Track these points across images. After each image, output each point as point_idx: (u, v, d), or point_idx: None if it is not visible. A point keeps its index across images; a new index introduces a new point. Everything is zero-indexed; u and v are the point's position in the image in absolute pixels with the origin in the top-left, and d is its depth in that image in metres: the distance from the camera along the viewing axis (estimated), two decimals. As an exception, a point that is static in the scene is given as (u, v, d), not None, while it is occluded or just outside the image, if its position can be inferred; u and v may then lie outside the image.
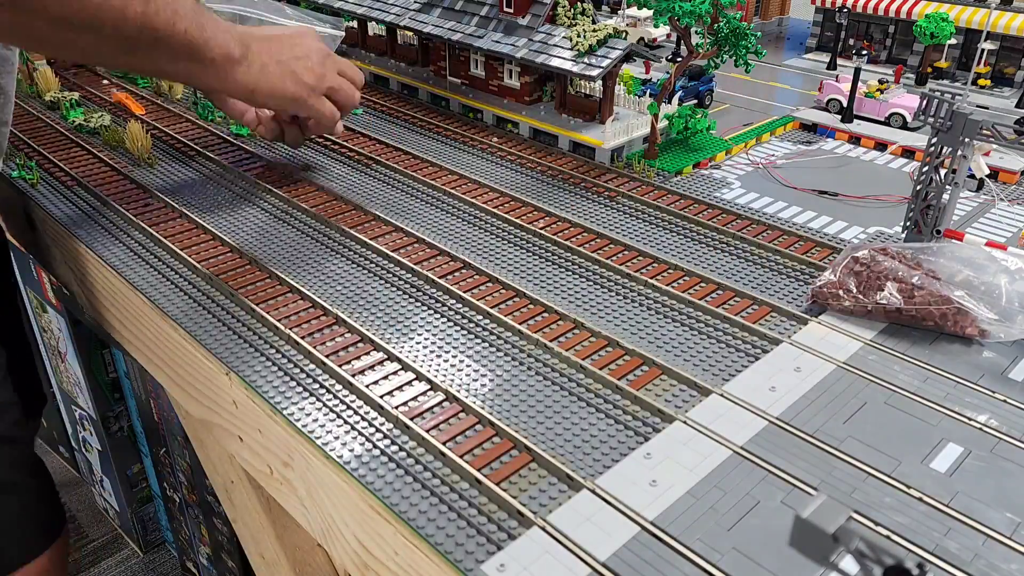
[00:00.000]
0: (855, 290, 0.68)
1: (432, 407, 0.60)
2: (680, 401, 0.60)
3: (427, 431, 0.57)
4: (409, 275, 0.78)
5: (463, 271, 0.78)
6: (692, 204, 0.91)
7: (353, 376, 0.63)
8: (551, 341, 0.66)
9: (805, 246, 0.81)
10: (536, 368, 0.64)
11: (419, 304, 0.73)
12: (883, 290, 0.67)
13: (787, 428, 0.57)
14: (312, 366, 0.65)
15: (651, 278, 0.75)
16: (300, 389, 0.62)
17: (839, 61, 1.43)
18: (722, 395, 0.60)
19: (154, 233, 0.85)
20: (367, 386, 0.62)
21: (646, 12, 1.33)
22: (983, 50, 1.22)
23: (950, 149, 0.71)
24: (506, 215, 0.88)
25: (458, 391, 0.61)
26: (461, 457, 0.54)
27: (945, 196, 0.73)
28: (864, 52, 1.16)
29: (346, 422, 0.59)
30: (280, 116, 0.95)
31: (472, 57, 1.13)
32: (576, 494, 0.51)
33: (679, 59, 1.37)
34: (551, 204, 0.91)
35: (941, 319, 0.66)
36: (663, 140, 1.05)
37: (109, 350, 1.25)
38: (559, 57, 0.98)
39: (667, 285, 0.74)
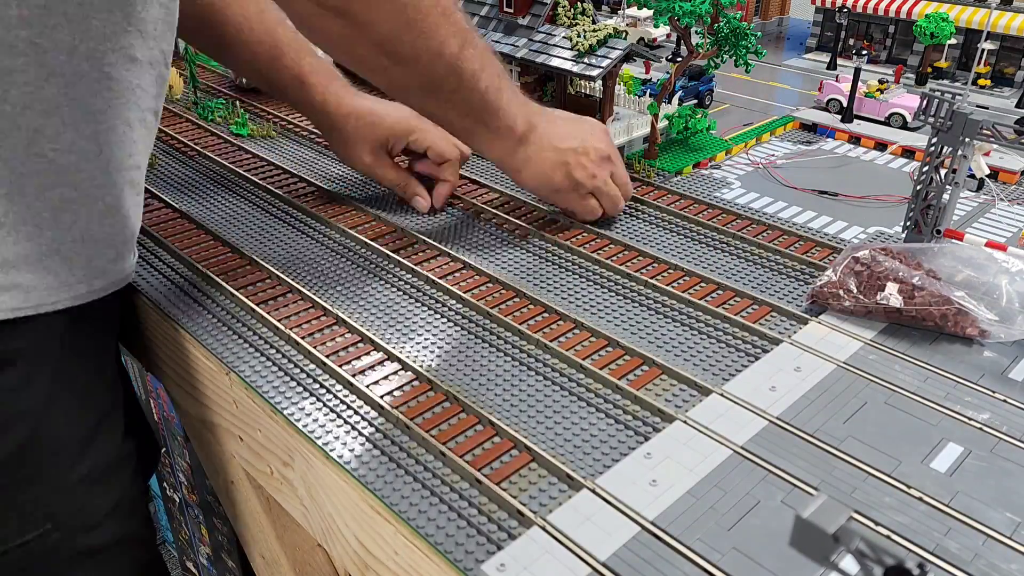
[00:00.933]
0: (855, 290, 0.68)
1: (432, 407, 0.60)
2: (680, 401, 0.60)
3: (427, 431, 0.57)
4: (409, 275, 0.78)
5: (463, 271, 0.78)
6: (692, 204, 0.91)
7: (353, 376, 0.63)
8: (551, 341, 0.66)
9: (805, 246, 0.82)
10: (536, 368, 0.64)
11: (419, 304, 0.73)
12: (883, 290, 0.67)
13: (787, 428, 0.57)
14: (312, 366, 0.65)
15: (651, 278, 0.75)
16: (300, 389, 0.62)
17: (839, 61, 1.43)
18: (722, 395, 0.60)
19: (154, 233, 0.85)
20: (367, 386, 0.62)
21: (646, 12, 1.33)
22: (983, 50, 1.22)
23: (950, 149, 0.71)
24: (506, 215, 0.88)
25: (458, 391, 0.61)
26: (461, 457, 0.54)
27: (945, 196, 0.73)
28: (864, 52, 1.16)
29: (346, 422, 0.59)
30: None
31: (472, 57, 1.13)
32: (576, 494, 0.51)
33: (679, 59, 1.37)
34: (551, 204, 0.91)
35: (941, 319, 0.66)
36: (663, 140, 1.05)
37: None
38: (559, 57, 0.98)
39: (667, 285, 0.74)
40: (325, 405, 0.61)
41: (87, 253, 0.64)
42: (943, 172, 0.72)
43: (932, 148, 0.72)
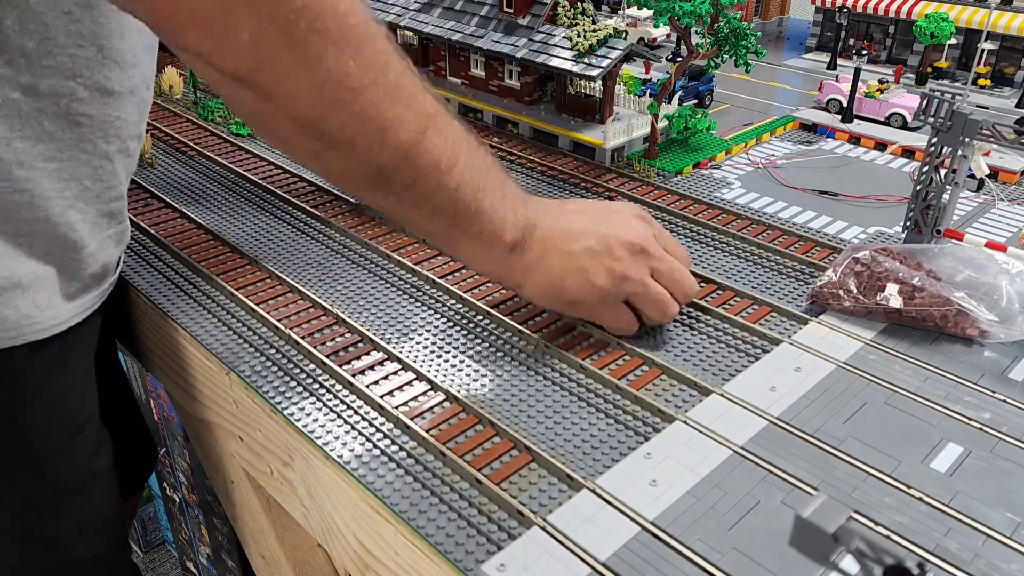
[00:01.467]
0: (855, 291, 0.68)
1: (432, 407, 0.60)
2: (680, 401, 0.60)
3: (427, 431, 0.57)
4: (409, 275, 0.78)
5: (463, 271, 0.78)
6: (692, 204, 0.91)
7: (353, 376, 0.63)
8: (551, 341, 0.66)
9: (805, 246, 0.82)
10: (536, 368, 0.64)
11: (419, 304, 0.73)
12: (883, 291, 0.67)
13: (787, 428, 0.57)
14: (312, 366, 0.65)
15: (651, 278, 0.75)
16: (300, 389, 0.62)
17: (839, 61, 1.43)
18: (722, 395, 0.60)
19: (154, 233, 0.85)
20: (367, 386, 0.62)
21: (646, 12, 1.33)
22: (983, 50, 1.22)
23: (950, 149, 0.71)
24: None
25: (458, 391, 0.61)
26: (461, 457, 0.54)
27: (945, 196, 0.73)
28: (864, 52, 1.16)
29: (346, 422, 0.59)
30: None
31: (472, 57, 1.13)
32: (576, 494, 0.51)
33: (679, 59, 1.37)
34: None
35: (941, 320, 0.66)
36: (663, 140, 1.05)
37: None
38: (559, 57, 0.98)
39: (667, 285, 0.74)
40: (325, 405, 0.61)
41: (47, 286, 0.61)
42: (943, 172, 0.72)
43: (932, 148, 0.72)
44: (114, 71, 0.59)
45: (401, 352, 0.66)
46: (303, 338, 0.67)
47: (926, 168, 0.73)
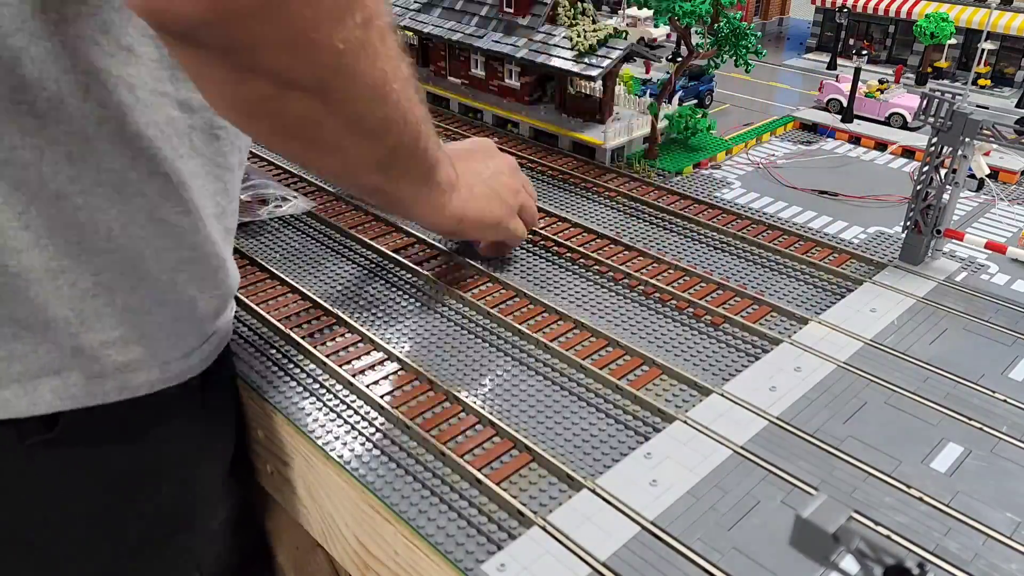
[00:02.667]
0: None
1: (432, 407, 0.60)
2: (680, 401, 0.60)
3: (427, 431, 0.57)
4: (410, 276, 0.78)
5: (463, 271, 0.78)
6: (692, 204, 0.91)
7: (353, 376, 0.63)
8: (551, 341, 0.66)
9: (805, 246, 0.81)
10: (536, 368, 0.64)
11: (419, 304, 0.73)
12: None
13: (787, 428, 0.57)
14: (312, 366, 0.65)
15: (651, 278, 0.75)
16: (300, 389, 0.62)
17: (839, 61, 1.43)
18: (722, 395, 0.60)
19: (154, 233, 0.85)
20: (367, 386, 0.62)
21: (646, 12, 1.33)
22: (983, 50, 1.22)
23: (950, 149, 0.71)
24: (506, 215, 0.88)
25: (458, 391, 0.61)
26: (461, 457, 0.54)
27: (945, 196, 0.73)
28: (864, 52, 1.16)
29: (346, 422, 0.59)
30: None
31: (472, 57, 1.13)
32: (576, 494, 0.51)
33: (679, 59, 1.37)
34: (551, 204, 0.91)
35: None
36: (663, 140, 1.05)
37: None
38: (559, 57, 0.98)
39: (667, 285, 0.74)
40: (325, 405, 0.61)
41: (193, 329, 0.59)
42: (943, 172, 0.72)
43: (932, 148, 0.72)
44: (232, 167, 0.58)
45: (401, 352, 0.66)
46: (303, 338, 0.67)
47: (926, 168, 0.73)
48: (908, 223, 0.76)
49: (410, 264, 0.78)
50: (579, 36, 0.97)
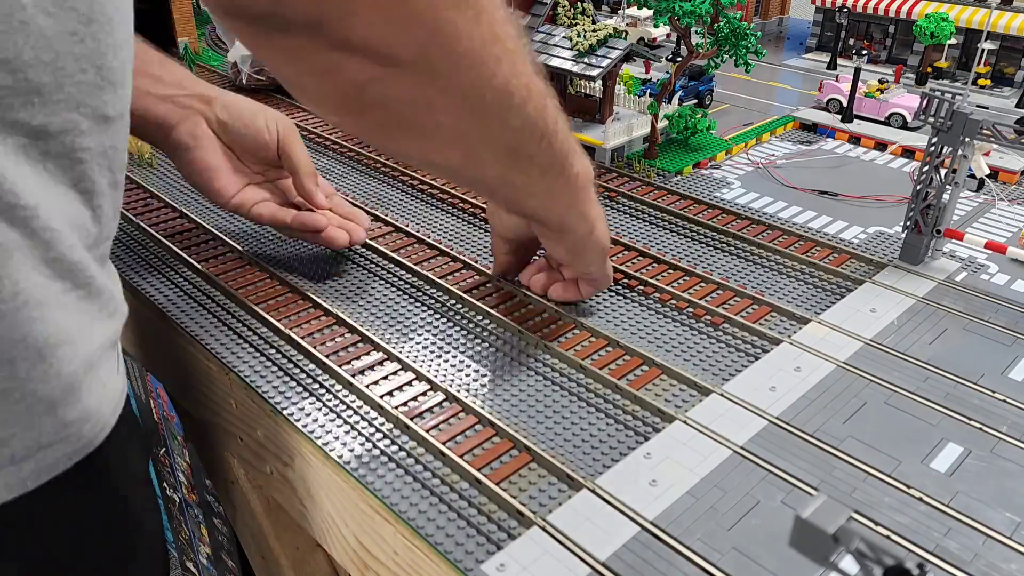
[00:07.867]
0: None
1: (432, 407, 0.60)
2: (680, 401, 0.60)
3: (427, 431, 0.57)
4: (409, 275, 0.78)
5: (463, 271, 0.78)
6: (692, 204, 0.91)
7: (353, 376, 0.63)
8: (551, 341, 0.66)
9: (805, 246, 0.81)
10: (536, 368, 0.64)
11: (419, 304, 0.73)
12: None
13: (787, 428, 0.57)
14: (312, 366, 0.65)
15: (651, 278, 0.75)
16: (300, 389, 0.62)
17: (839, 61, 1.43)
18: (722, 395, 0.60)
19: (154, 233, 0.85)
20: (367, 386, 0.62)
21: (646, 12, 1.33)
22: (983, 50, 1.22)
23: (950, 149, 0.71)
24: (506, 215, 0.88)
25: (458, 391, 0.61)
26: (461, 457, 0.54)
27: (945, 196, 0.73)
28: (864, 52, 1.16)
29: (346, 422, 0.59)
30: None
31: (472, 57, 1.12)
32: (576, 494, 0.51)
33: (679, 59, 1.37)
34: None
35: None
36: (663, 140, 1.05)
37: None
38: (559, 57, 0.98)
39: (667, 285, 0.74)
40: (325, 405, 0.61)
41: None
42: (943, 172, 0.72)
43: (932, 148, 0.72)
44: (109, 94, 0.49)
45: (401, 352, 0.66)
46: (303, 338, 0.67)
47: (926, 168, 0.73)
48: (908, 223, 0.76)
49: (410, 264, 0.78)
50: (579, 36, 0.97)
